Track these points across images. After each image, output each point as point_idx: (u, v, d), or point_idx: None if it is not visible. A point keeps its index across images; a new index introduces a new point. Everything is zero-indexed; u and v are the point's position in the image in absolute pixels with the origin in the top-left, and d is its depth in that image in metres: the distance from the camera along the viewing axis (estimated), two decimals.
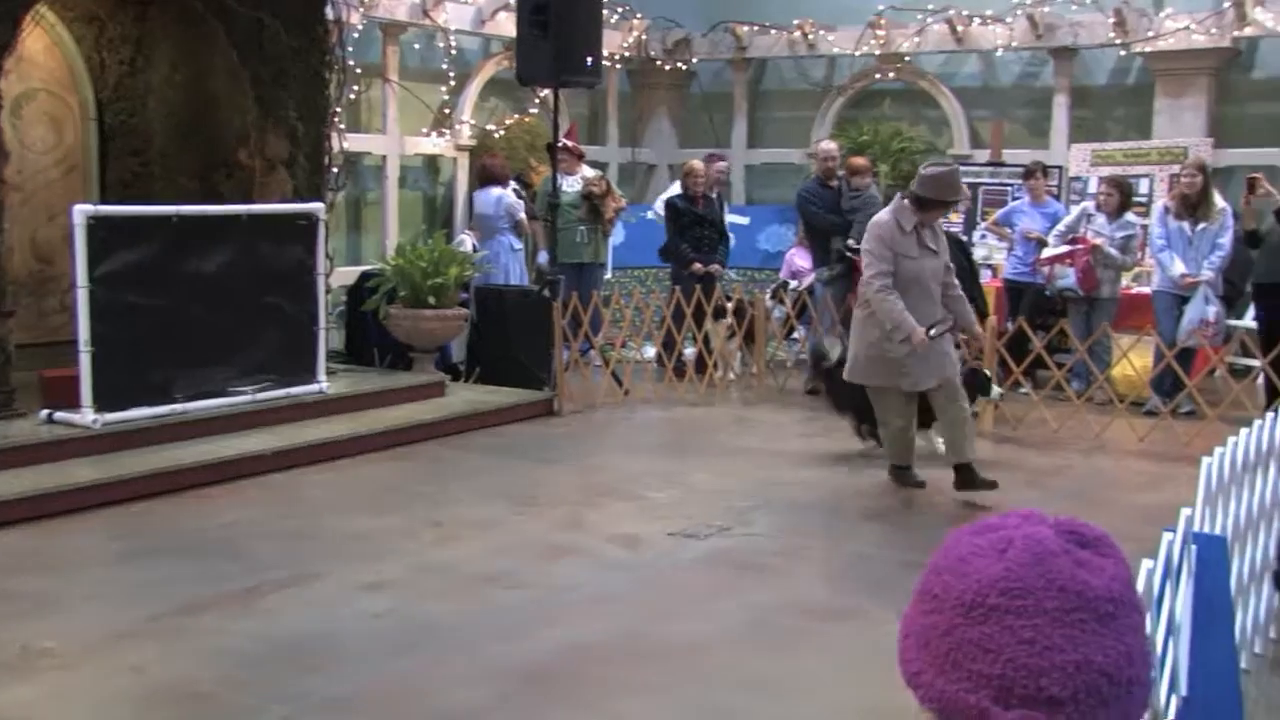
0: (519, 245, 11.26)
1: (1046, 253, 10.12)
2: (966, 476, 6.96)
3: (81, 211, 7.13)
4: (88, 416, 7.07)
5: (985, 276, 10.83)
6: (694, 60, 14.04)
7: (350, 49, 9.79)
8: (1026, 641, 1.15)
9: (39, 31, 8.97)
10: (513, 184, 11.34)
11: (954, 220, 12.31)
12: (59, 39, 9.43)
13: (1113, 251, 9.90)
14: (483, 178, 11.40)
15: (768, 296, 11.14)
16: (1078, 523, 1.24)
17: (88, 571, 5.65)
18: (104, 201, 8.95)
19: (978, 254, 11.02)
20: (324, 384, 8.45)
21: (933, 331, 6.72)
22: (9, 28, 7.34)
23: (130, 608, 5.09)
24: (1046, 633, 1.15)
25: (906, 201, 7.00)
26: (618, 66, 13.68)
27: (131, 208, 7.93)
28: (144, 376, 7.35)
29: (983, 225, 12.01)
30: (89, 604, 5.20)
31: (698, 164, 11.14)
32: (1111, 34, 11.92)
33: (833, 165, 10.66)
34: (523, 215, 11.16)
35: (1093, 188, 11.32)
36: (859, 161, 10.87)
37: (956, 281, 7.16)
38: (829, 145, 11.02)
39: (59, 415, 7.16)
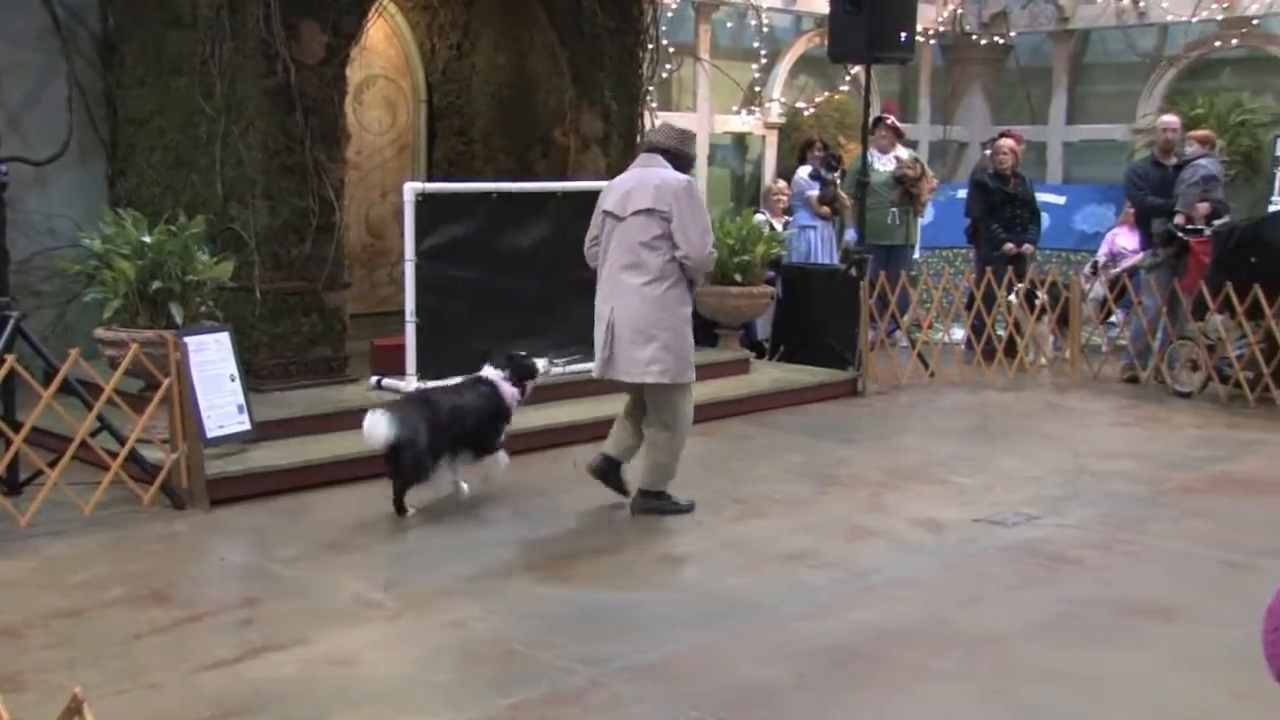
0: (809, 222, 11.10)
1: None
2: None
3: (411, 189, 7.54)
4: (412, 383, 7.45)
5: None
6: (1012, 34, 13.56)
7: (664, 28, 9.94)
8: None
9: (380, 21, 9.52)
10: (809, 165, 11.16)
11: None
12: (397, 28, 9.99)
13: None
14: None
15: (1083, 278, 10.66)
16: None
17: (401, 530, 5.99)
18: (430, 179, 9.45)
19: None
20: None
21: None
22: (356, 19, 7.81)
23: (448, 566, 5.36)
24: None
25: None
26: (931, 42, 13.37)
27: (455, 184, 8.32)
28: (464, 346, 7.61)
29: None
30: (406, 560, 5.55)
31: (1008, 141, 10.77)
32: None
33: (1173, 139, 10.05)
34: (812, 193, 10.99)
35: None
36: (1199, 131, 10.23)
37: None
38: (1170, 118, 10.40)
39: (386, 381, 7.60)
